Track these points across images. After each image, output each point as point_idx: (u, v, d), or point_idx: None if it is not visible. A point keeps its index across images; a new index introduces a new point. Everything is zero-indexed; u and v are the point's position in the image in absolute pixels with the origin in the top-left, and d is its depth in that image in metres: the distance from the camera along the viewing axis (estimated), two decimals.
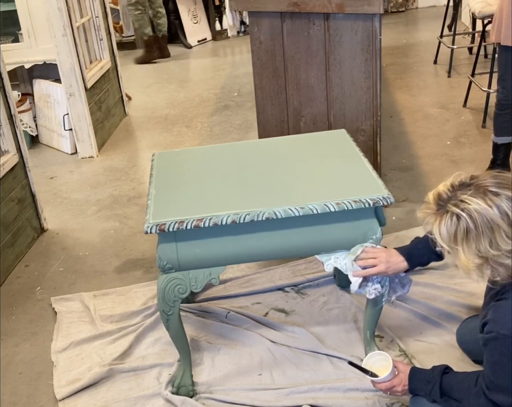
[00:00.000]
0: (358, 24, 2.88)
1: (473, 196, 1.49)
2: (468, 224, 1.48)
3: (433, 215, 1.56)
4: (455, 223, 1.50)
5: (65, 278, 2.97)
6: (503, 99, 3.20)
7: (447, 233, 1.52)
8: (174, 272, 1.98)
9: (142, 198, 3.63)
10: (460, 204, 1.50)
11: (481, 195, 1.49)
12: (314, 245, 2.00)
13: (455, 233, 1.51)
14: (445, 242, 1.54)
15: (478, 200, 1.48)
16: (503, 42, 3.06)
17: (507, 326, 1.52)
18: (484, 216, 1.47)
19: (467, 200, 1.49)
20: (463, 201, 1.50)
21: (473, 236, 1.48)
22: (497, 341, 1.54)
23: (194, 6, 7.36)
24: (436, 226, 1.55)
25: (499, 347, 1.55)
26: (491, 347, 1.57)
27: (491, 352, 1.58)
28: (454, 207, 1.51)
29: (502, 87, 3.19)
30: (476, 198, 1.49)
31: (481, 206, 1.47)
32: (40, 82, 4.51)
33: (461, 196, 1.51)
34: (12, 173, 3.15)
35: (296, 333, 2.40)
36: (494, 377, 1.58)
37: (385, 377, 1.80)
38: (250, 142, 3.06)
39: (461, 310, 2.39)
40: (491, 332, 1.55)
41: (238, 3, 3.04)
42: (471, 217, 1.48)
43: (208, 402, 2.13)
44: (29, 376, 2.37)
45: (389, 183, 3.39)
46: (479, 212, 1.47)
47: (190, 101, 5.34)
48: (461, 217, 1.49)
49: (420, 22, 7.28)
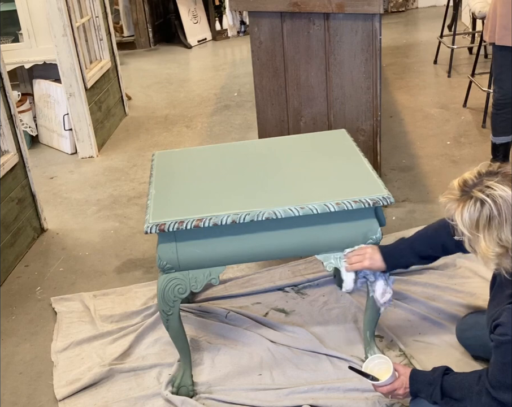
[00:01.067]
0: (358, 24, 2.88)
1: (499, 183, 1.47)
2: (492, 210, 1.46)
3: (455, 201, 1.54)
4: (478, 208, 1.48)
5: (65, 278, 2.97)
6: (500, 99, 3.19)
7: (469, 219, 1.49)
8: (174, 272, 1.98)
9: (142, 198, 3.63)
10: (486, 190, 1.48)
11: (507, 182, 1.48)
12: (314, 245, 2.00)
13: (478, 219, 1.48)
14: (466, 228, 1.51)
15: (505, 187, 1.46)
16: (498, 41, 3.05)
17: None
18: (509, 203, 1.45)
19: (493, 186, 1.47)
20: (488, 187, 1.48)
21: (496, 223, 1.46)
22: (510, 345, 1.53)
23: (194, 6, 7.37)
24: (459, 212, 1.52)
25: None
26: (504, 349, 1.56)
27: (504, 354, 1.57)
28: (479, 192, 1.49)
29: (499, 87, 3.18)
30: (502, 185, 1.47)
31: (507, 192, 1.46)
32: (40, 82, 4.51)
33: (487, 182, 1.50)
34: (12, 173, 3.15)
35: (296, 333, 2.39)
36: (502, 377, 1.58)
37: (386, 380, 1.79)
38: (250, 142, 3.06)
39: (460, 310, 2.39)
40: (505, 335, 1.54)
41: (238, 3, 3.04)
42: (495, 204, 1.46)
43: (208, 402, 2.13)
44: (29, 376, 2.37)
45: (389, 184, 3.39)
46: (504, 198, 1.45)
47: (190, 101, 5.34)
48: (485, 203, 1.46)
49: (420, 22, 7.28)
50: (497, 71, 3.17)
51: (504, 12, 2.99)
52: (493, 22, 3.07)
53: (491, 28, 3.08)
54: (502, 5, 3.00)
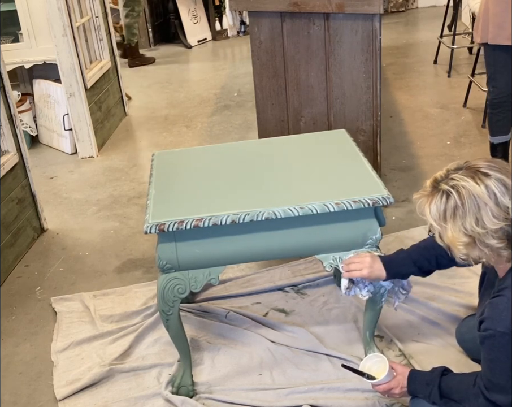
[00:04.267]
0: (358, 24, 2.88)
1: (462, 175, 1.54)
2: (456, 200, 1.52)
3: (425, 196, 1.61)
4: (444, 200, 1.55)
5: (65, 278, 2.97)
6: (495, 98, 3.19)
7: (436, 211, 1.56)
8: (174, 272, 1.98)
9: (142, 198, 3.63)
10: (450, 182, 1.55)
11: (471, 174, 1.54)
12: (314, 245, 2.00)
13: (445, 210, 1.54)
14: (435, 221, 1.57)
15: (468, 178, 1.53)
16: (491, 40, 3.04)
17: (504, 323, 1.52)
18: (471, 193, 1.51)
19: (457, 178, 1.54)
20: (453, 179, 1.55)
21: (460, 212, 1.52)
22: (494, 338, 1.54)
23: (194, 6, 7.37)
24: (427, 206, 1.59)
25: (497, 345, 1.55)
26: (488, 345, 1.57)
27: (489, 350, 1.58)
28: (445, 185, 1.56)
29: (493, 87, 3.18)
30: (465, 176, 1.54)
31: (469, 183, 1.52)
32: (40, 82, 4.51)
33: (452, 175, 1.57)
34: (12, 173, 3.15)
35: (296, 333, 2.40)
36: (492, 375, 1.58)
37: (381, 379, 1.80)
38: (250, 142, 3.06)
39: (460, 310, 2.39)
40: (488, 330, 1.55)
41: (238, 3, 3.04)
42: (459, 194, 1.52)
43: (208, 402, 2.13)
44: (29, 376, 2.37)
45: (389, 184, 3.39)
46: (467, 188, 1.51)
47: (190, 101, 5.34)
48: (450, 194, 1.53)
49: (420, 22, 7.28)
50: (491, 71, 3.16)
51: (497, 10, 2.98)
52: (484, 22, 3.06)
53: (483, 28, 3.07)
54: (494, 5, 2.99)
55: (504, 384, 1.56)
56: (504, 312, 1.53)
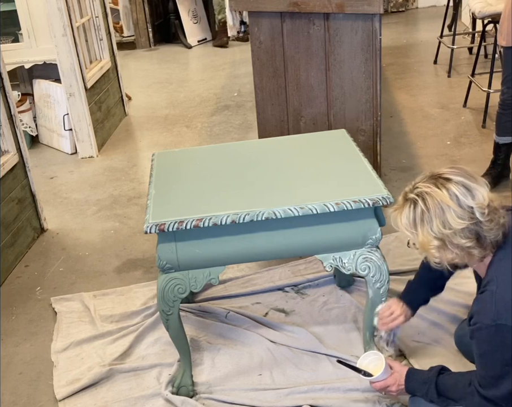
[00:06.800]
0: (358, 24, 2.88)
1: (426, 183, 1.62)
2: (422, 207, 1.59)
3: (397, 209, 1.67)
4: (412, 209, 1.61)
5: (65, 278, 2.97)
6: (508, 99, 3.19)
7: (406, 220, 1.62)
8: (174, 272, 1.98)
9: (142, 198, 3.63)
10: (415, 190, 1.62)
11: (433, 181, 1.61)
12: (314, 245, 2.01)
13: (414, 218, 1.61)
14: (406, 229, 1.63)
15: (430, 184, 1.60)
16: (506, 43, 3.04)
17: (490, 316, 1.54)
18: (434, 198, 1.57)
19: (421, 186, 1.61)
20: (417, 188, 1.62)
21: (427, 217, 1.58)
22: (481, 331, 1.57)
23: (194, 6, 7.36)
24: (398, 218, 1.65)
25: (484, 338, 1.58)
26: (477, 338, 1.61)
27: (478, 344, 1.61)
28: (411, 194, 1.63)
29: (508, 88, 3.18)
30: (428, 183, 1.61)
31: (432, 189, 1.58)
32: (40, 82, 4.51)
33: (418, 184, 1.64)
34: (12, 173, 3.15)
35: (296, 333, 2.40)
36: (484, 370, 1.61)
37: (377, 376, 1.82)
38: (250, 142, 3.06)
39: (460, 310, 2.39)
40: (475, 324, 1.59)
41: (238, 3, 3.04)
42: (424, 201, 1.58)
43: (208, 402, 2.13)
44: (29, 376, 2.37)
45: (389, 184, 3.38)
46: (429, 193, 1.58)
47: (190, 101, 5.34)
48: (416, 202, 1.60)
49: (420, 22, 7.28)
50: (508, 72, 3.16)
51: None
52: (509, 26, 3.05)
53: (508, 32, 3.06)
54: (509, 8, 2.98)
55: (495, 376, 1.58)
56: (488, 305, 1.56)
